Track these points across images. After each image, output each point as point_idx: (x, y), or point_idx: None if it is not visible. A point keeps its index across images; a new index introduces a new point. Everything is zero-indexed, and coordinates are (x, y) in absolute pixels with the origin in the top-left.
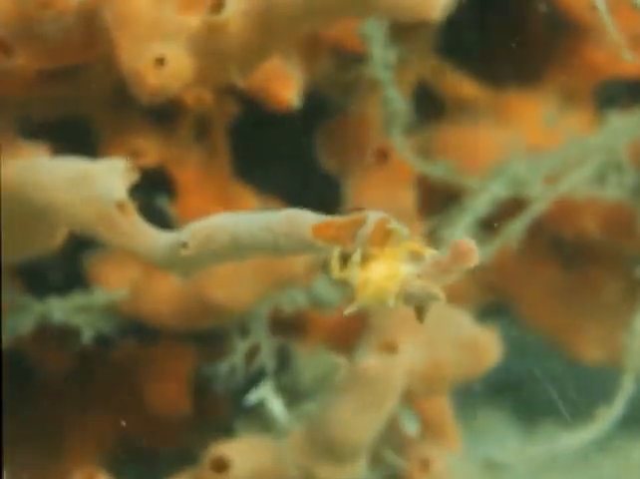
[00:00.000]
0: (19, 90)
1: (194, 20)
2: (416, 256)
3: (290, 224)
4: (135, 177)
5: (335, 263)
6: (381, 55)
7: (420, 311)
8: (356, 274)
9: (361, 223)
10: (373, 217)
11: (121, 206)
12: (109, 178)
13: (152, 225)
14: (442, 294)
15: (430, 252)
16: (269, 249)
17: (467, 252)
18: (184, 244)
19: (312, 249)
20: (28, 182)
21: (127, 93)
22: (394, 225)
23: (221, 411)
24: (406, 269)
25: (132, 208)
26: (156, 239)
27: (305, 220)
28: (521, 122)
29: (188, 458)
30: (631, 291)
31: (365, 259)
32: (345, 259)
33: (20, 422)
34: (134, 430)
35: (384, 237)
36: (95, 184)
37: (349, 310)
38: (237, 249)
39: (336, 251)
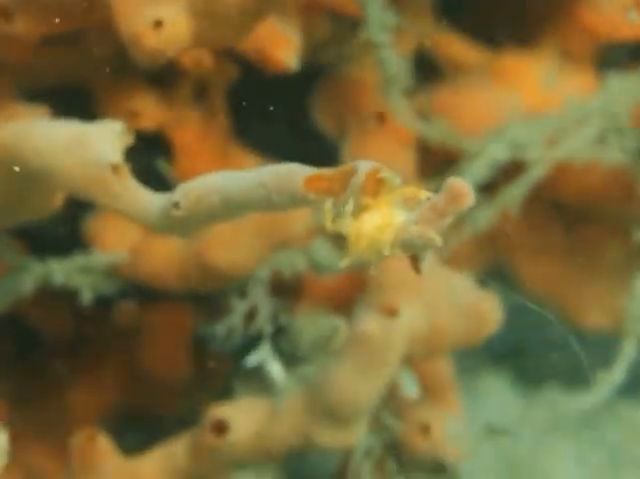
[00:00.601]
0: (19, 55)
1: None
2: (411, 203)
3: (282, 178)
4: (131, 139)
5: (328, 215)
6: (379, 17)
7: (416, 261)
8: (349, 225)
9: (352, 173)
10: (364, 166)
11: (115, 168)
12: (104, 141)
13: (147, 187)
14: (439, 239)
15: (425, 194)
16: (263, 206)
17: (461, 194)
18: (176, 204)
19: (305, 203)
20: (24, 145)
21: (126, 57)
22: (385, 173)
23: (220, 372)
24: (401, 217)
25: (126, 170)
26: (149, 200)
27: (297, 174)
28: (520, 84)
29: (187, 419)
30: (632, 255)
31: (358, 210)
32: (338, 211)
33: (21, 384)
34: (133, 391)
35: (376, 186)
36: (91, 147)
37: (344, 263)
38: (230, 208)
39: (328, 203)
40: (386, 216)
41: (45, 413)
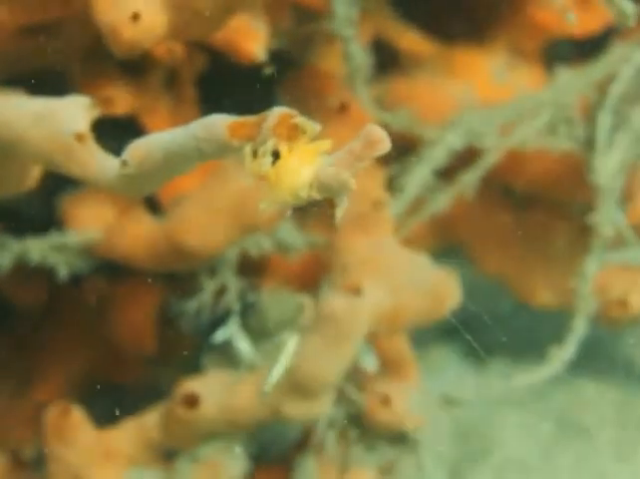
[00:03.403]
0: None
1: None
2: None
3: (208, 128)
4: (97, 112)
5: (248, 158)
6: (344, 12)
7: (333, 207)
8: (267, 166)
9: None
10: (276, 110)
11: (79, 137)
12: (71, 112)
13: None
14: (353, 181)
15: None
16: (197, 157)
17: (378, 140)
18: (124, 162)
19: (232, 150)
20: None
21: (101, 45)
22: (300, 120)
23: (189, 348)
24: (319, 160)
25: (91, 139)
26: (110, 165)
27: (221, 122)
28: (472, 77)
29: (155, 392)
30: (581, 238)
31: (279, 155)
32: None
33: None
34: (101, 364)
35: (292, 131)
36: (57, 118)
37: (265, 206)
38: (171, 162)
39: (248, 147)
40: (304, 158)
41: (16, 383)
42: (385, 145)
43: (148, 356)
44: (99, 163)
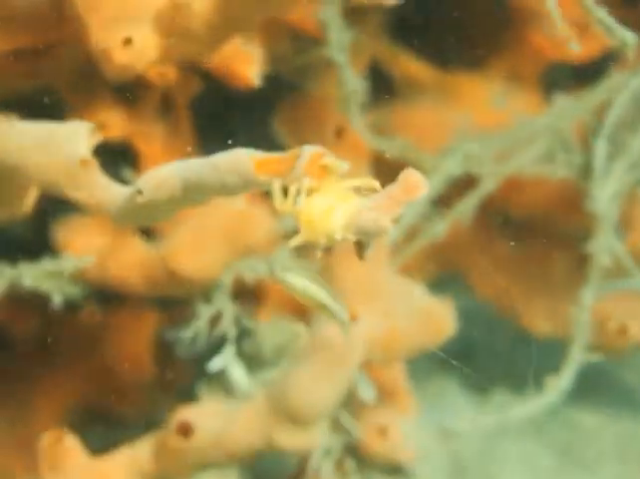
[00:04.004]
0: None
1: (161, 0)
2: (364, 191)
3: (234, 161)
4: (99, 138)
5: (277, 196)
6: (338, 39)
7: (360, 248)
8: (297, 205)
9: (298, 156)
10: (308, 149)
11: (84, 162)
12: (74, 137)
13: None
14: (390, 226)
15: (377, 185)
16: (217, 189)
17: (416, 184)
18: (139, 191)
19: (256, 185)
20: None
21: (94, 70)
22: (330, 159)
23: (184, 376)
24: (355, 202)
25: (95, 165)
26: (116, 192)
27: (248, 157)
28: (470, 104)
29: (151, 420)
30: (578, 266)
31: (309, 192)
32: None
33: None
34: (97, 393)
35: (322, 170)
36: (60, 143)
37: (294, 243)
38: (189, 192)
39: (277, 184)
40: (338, 199)
41: (11, 412)
42: (424, 189)
43: (144, 384)
44: (103, 189)
